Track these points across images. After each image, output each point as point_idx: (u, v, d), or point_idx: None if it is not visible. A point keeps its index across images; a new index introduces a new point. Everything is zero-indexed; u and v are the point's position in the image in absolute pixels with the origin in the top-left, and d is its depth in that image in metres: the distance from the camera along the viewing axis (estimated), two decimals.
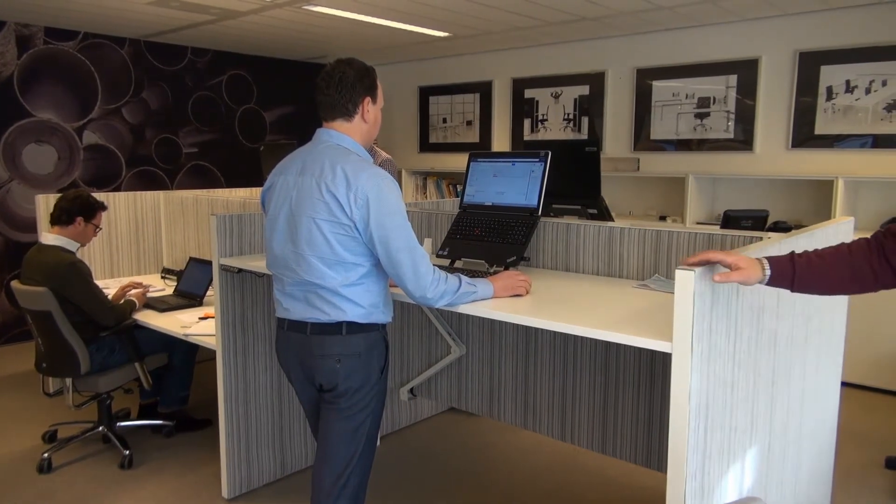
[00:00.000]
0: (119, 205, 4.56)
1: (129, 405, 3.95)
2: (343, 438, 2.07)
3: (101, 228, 3.51)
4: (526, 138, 6.26)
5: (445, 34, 5.53)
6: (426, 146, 7.06)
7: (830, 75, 4.62)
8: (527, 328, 3.01)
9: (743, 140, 5.04)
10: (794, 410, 2.15)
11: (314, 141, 2.09)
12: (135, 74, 5.91)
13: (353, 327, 2.00)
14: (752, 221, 3.88)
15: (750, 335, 1.73)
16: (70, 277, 3.14)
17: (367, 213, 1.92)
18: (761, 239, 2.25)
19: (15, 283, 3.18)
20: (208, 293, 3.70)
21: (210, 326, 3.19)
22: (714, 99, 5.14)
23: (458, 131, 6.76)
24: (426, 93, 6.97)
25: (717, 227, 4.15)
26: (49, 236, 3.32)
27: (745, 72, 4.97)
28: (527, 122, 6.25)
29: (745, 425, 1.78)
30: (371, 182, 1.93)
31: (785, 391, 2.05)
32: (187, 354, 3.61)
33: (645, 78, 5.47)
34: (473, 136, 6.66)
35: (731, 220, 3.85)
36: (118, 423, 3.54)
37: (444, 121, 6.88)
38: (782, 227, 4.18)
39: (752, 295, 1.71)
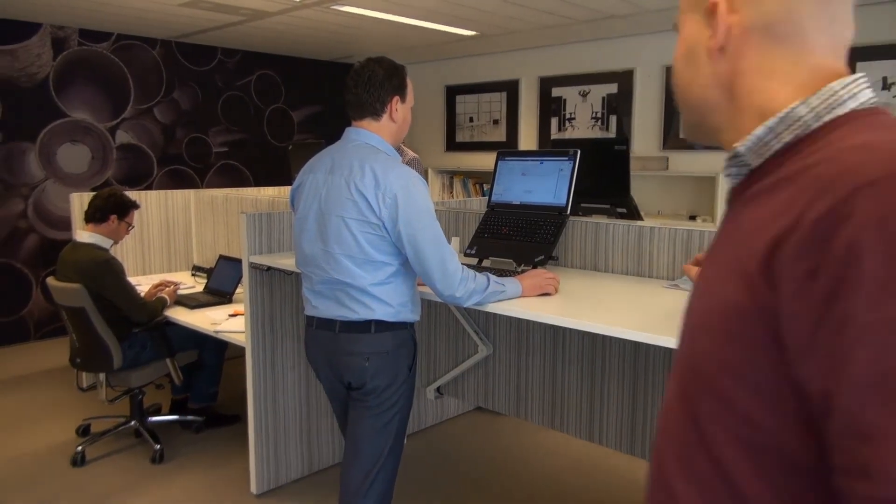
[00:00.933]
0: (150, 203, 4.63)
1: (161, 401, 4.02)
2: (371, 436, 2.08)
3: (133, 226, 3.57)
4: (553, 137, 6.23)
5: (473, 33, 5.52)
6: (453, 145, 7.06)
7: (866, 72, 4.51)
8: (555, 327, 2.99)
9: None
10: None
11: (343, 140, 2.11)
12: (166, 75, 6.00)
13: (381, 325, 2.01)
14: None
15: None
16: (103, 274, 3.20)
17: (395, 212, 1.92)
18: None
19: (50, 280, 3.25)
20: (237, 291, 3.74)
21: (239, 323, 3.23)
22: None
23: (485, 130, 6.75)
24: (453, 92, 6.97)
25: None
26: (83, 234, 3.38)
27: None
28: (554, 121, 6.21)
29: None
30: (400, 181, 1.93)
31: None
32: (217, 351, 3.66)
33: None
34: (500, 135, 6.64)
35: None
36: (149, 418, 3.60)
37: (471, 120, 6.87)
38: None
39: None
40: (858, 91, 0.66)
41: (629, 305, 2.01)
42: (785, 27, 0.68)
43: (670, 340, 1.58)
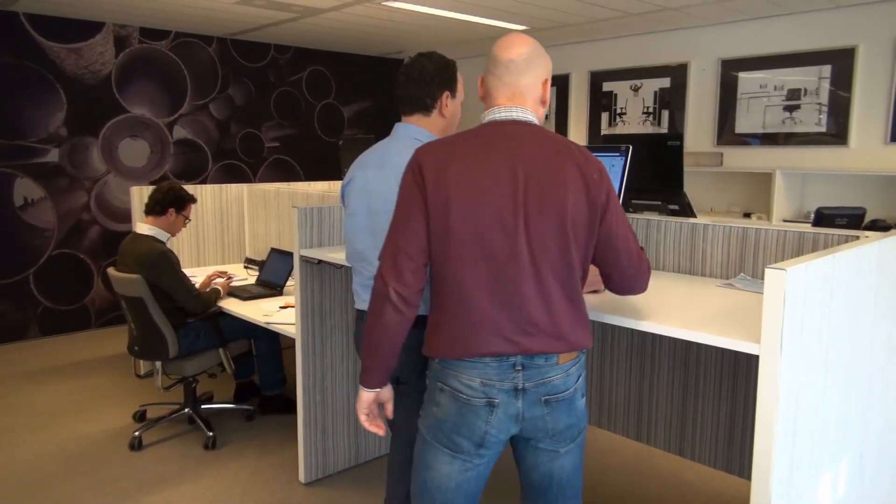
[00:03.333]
0: (206, 197, 4.75)
1: (213, 389, 4.12)
2: (416, 430, 2.09)
3: (190, 220, 3.67)
4: (604, 132, 6.15)
5: (523, 27, 5.49)
6: None
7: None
8: (604, 325, 2.96)
9: (836, 134, 4.78)
10: (891, 421, 2.03)
11: (392, 135, 2.12)
12: (221, 71, 6.15)
13: (418, 320, 2.01)
14: (848, 219, 3.67)
15: (844, 339, 1.64)
16: (160, 266, 3.30)
17: None
18: (857, 238, 2.14)
19: (111, 270, 3.37)
20: (288, 283, 3.82)
21: (290, 315, 3.29)
22: (805, 91, 4.90)
23: None
24: None
25: (808, 225, 3.96)
26: (143, 226, 3.49)
27: (841, 62, 4.71)
28: (604, 116, 6.13)
29: (836, 433, 1.69)
30: None
31: (882, 400, 1.94)
32: (269, 341, 3.74)
33: (730, 69, 5.26)
34: (549, 130, 6.57)
35: (824, 217, 3.66)
36: (202, 406, 3.70)
37: None
38: (881, 227, 3.94)
39: (846, 298, 1.62)
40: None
41: (681, 304, 1.97)
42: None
43: (726, 341, 1.54)
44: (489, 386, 1.58)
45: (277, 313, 3.38)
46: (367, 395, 1.73)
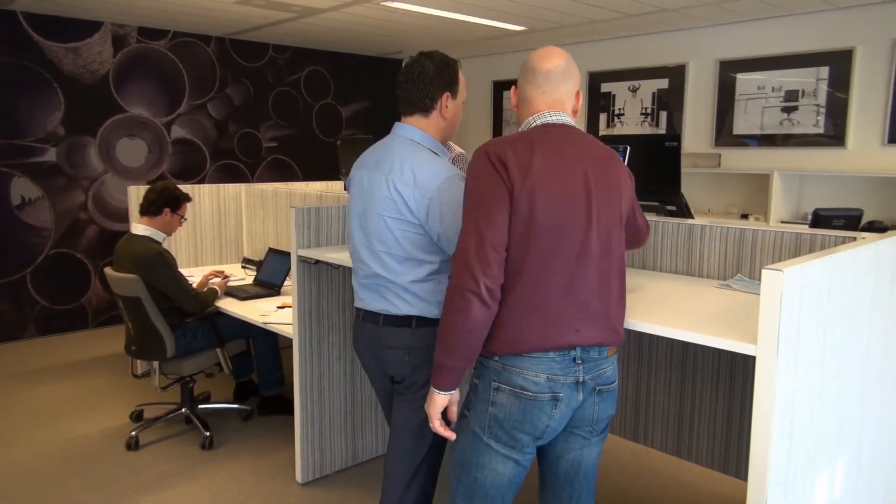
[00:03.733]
0: (203, 197, 4.75)
1: (210, 389, 4.12)
2: (412, 431, 2.09)
3: (185, 219, 3.66)
4: (602, 133, 6.15)
5: (521, 28, 5.49)
6: None
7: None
8: None
9: (833, 135, 4.79)
10: (887, 423, 2.04)
11: (390, 135, 2.10)
12: (219, 71, 6.14)
13: (423, 321, 2.01)
14: (845, 221, 3.68)
15: (841, 340, 1.64)
16: (156, 266, 3.29)
17: (433, 211, 1.91)
18: (854, 239, 2.14)
19: (108, 270, 3.36)
20: (286, 283, 3.81)
21: (287, 315, 3.29)
22: (803, 92, 4.90)
23: None
24: (500, 87, 6.94)
25: (805, 226, 3.97)
26: (138, 226, 3.49)
27: (838, 63, 4.72)
28: (602, 117, 6.13)
29: (832, 434, 1.69)
30: (438, 179, 1.92)
31: (878, 402, 1.94)
32: (268, 339, 3.73)
33: (728, 70, 5.27)
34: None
35: (821, 219, 3.66)
36: (199, 406, 3.70)
37: None
38: (878, 228, 3.95)
39: (843, 299, 1.62)
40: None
41: (679, 305, 1.97)
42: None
43: (723, 342, 1.55)
44: (554, 381, 1.62)
45: (275, 313, 3.37)
46: (442, 399, 1.70)
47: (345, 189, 2.18)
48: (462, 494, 1.76)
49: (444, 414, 1.75)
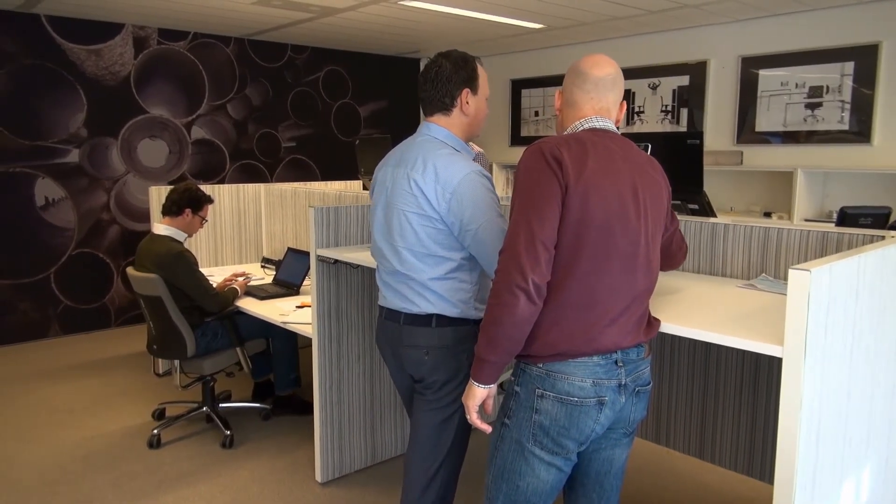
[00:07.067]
0: (223, 197, 4.78)
1: (231, 388, 4.14)
2: (432, 430, 2.08)
3: (207, 220, 3.69)
4: (622, 131, 6.09)
5: (540, 26, 5.46)
6: (518, 139, 7.01)
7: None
8: None
9: (858, 132, 4.70)
10: None
11: (415, 134, 2.11)
12: (238, 72, 6.18)
13: (442, 320, 2.01)
14: (872, 219, 3.61)
15: (869, 341, 1.61)
16: (177, 266, 3.32)
17: (455, 207, 1.91)
18: (883, 238, 2.10)
19: (130, 270, 3.40)
20: (305, 283, 3.82)
21: (306, 315, 3.30)
22: (827, 88, 4.82)
23: (551, 124, 6.66)
24: (518, 86, 6.91)
25: (832, 224, 3.90)
26: (160, 227, 3.52)
27: (863, 58, 4.63)
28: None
29: (861, 437, 1.66)
30: (459, 175, 1.92)
31: None
32: (287, 339, 3.74)
33: (750, 67, 5.20)
34: None
35: (847, 217, 3.59)
36: (220, 405, 3.72)
37: (536, 114, 6.80)
38: None
39: (871, 299, 1.59)
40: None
41: (702, 305, 1.94)
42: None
43: (748, 343, 1.52)
44: (599, 385, 1.61)
45: (294, 313, 3.38)
46: (481, 392, 1.69)
47: (364, 189, 2.19)
48: (503, 502, 1.75)
49: (481, 406, 1.74)
